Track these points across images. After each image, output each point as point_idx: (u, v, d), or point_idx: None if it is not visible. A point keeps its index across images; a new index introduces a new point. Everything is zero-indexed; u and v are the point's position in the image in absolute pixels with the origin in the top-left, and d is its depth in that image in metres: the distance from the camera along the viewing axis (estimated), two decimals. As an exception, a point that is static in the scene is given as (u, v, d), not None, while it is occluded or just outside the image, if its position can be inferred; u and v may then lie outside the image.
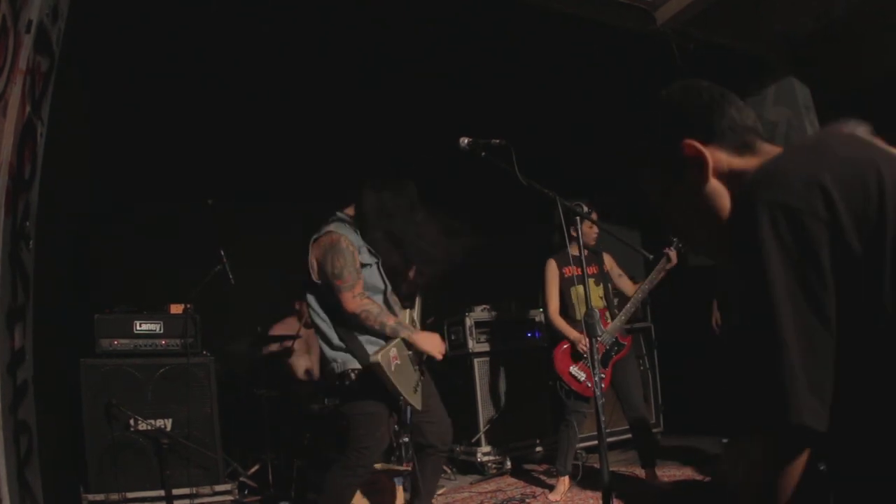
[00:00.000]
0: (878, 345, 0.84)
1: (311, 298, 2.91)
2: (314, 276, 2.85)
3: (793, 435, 0.84)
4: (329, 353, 2.85)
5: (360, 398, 2.79)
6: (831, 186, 0.86)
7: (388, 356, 2.72)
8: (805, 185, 0.87)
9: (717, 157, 1.06)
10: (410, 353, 2.86)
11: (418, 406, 2.85)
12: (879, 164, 0.89)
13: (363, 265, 2.84)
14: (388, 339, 2.79)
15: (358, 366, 2.76)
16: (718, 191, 1.06)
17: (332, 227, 2.87)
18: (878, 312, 0.84)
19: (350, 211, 2.98)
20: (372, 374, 2.69)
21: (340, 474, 2.76)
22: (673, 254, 3.77)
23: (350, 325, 2.79)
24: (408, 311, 3.03)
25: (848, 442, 0.87)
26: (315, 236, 2.88)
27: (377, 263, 2.93)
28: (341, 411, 2.95)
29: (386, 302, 2.92)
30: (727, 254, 1.09)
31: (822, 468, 0.88)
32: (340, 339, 2.80)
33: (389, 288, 2.97)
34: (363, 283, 2.81)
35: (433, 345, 2.88)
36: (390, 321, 2.78)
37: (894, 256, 0.83)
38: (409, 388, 2.80)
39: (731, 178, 1.05)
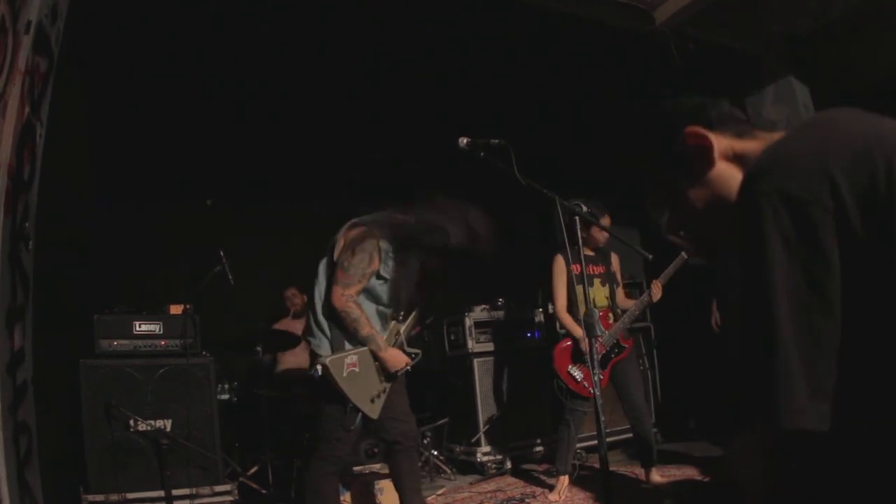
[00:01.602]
0: (887, 333, 0.82)
1: (322, 272, 2.93)
2: (336, 254, 2.87)
3: (791, 434, 0.82)
4: (314, 328, 2.89)
5: (331, 401, 2.82)
6: (837, 171, 0.83)
7: (343, 362, 2.76)
8: (809, 171, 0.84)
9: (720, 141, 1.05)
10: (377, 363, 2.88)
11: (372, 416, 2.85)
12: (888, 142, 0.86)
13: (380, 278, 2.87)
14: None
15: (324, 353, 2.80)
16: (727, 173, 1.05)
17: (375, 223, 2.90)
18: (887, 298, 0.81)
19: (399, 217, 2.98)
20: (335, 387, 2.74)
21: (315, 465, 2.81)
22: (657, 287, 3.80)
23: (331, 319, 2.84)
24: (393, 322, 3.05)
25: (854, 432, 0.87)
26: (358, 220, 2.91)
27: (390, 281, 2.94)
28: (317, 406, 2.97)
29: (380, 314, 2.94)
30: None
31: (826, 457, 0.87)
32: (328, 325, 2.85)
33: (388, 302, 2.99)
34: (363, 288, 2.82)
35: (394, 363, 2.90)
36: (364, 330, 2.80)
37: None
38: (365, 397, 2.82)
39: (738, 159, 1.05)
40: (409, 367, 3.00)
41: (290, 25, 4.19)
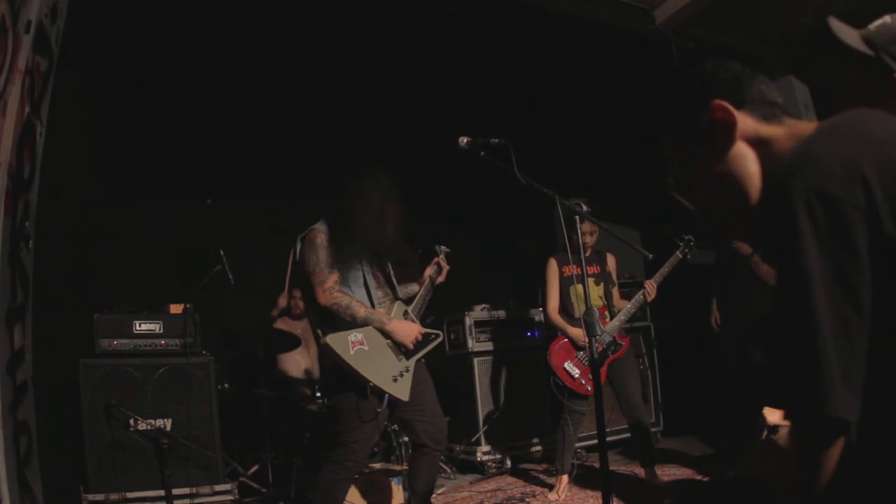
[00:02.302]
0: None
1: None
2: (300, 260, 2.89)
3: (830, 426, 0.84)
4: (318, 335, 2.89)
5: (342, 391, 2.80)
6: (869, 172, 0.84)
7: (346, 339, 2.72)
8: (843, 171, 0.85)
9: (745, 121, 1.06)
10: (390, 342, 2.85)
11: (401, 396, 2.79)
12: None
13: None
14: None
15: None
16: (744, 154, 1.06)
17: (317, 224, 2.91)
18: None
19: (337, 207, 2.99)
20: (345, 368, 2.71)
21: (330, 470, 2.76)
22: (651, 287, 3.80)
23: (328, 319, 2.82)
24: (397, 303, 3.01)
25: (876, 428, 0.87)
26: (302, 234, 2.92)
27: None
28: (329, 405, 2.95)
29: (369, 295, 2.91)
30: (744, 230, 1.08)
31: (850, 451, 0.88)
32: (324, 333, 2.83)
33: (376, 280, 2.97)
34: (338, 276, 2.82)
35: (404, 334, 2.86)
36: (361, 311, 2.78)
37: None
38: (385, 376, 2.77)
39: (758, 143, 1.05)
40: (429, 345, 2.95)
41: (290, 25, 4.20)
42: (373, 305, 2.90)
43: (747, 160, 1.05)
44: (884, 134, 0.91)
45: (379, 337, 2.83)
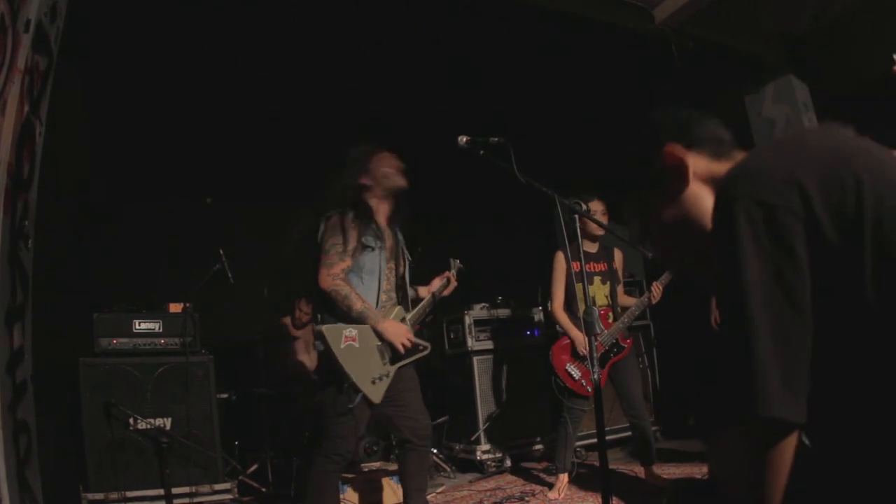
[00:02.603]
0: (859, 335, 0.85)
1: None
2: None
3: (766, 427, 0.84)
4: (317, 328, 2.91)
5: (326, 385, 2.82)
6: (807, 181, 0.87)
7: (341, 333, 2.74)
8: (781, 180, 0.88)
9: (697, 162, 1.09)
10: (381, 344, 2.85)
11: (374, 399, 2.80)
12: (856, 157, 0.90)
13: (366, 247, 2.88)
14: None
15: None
16: (700, 195, 1.08)
17: (346, 207, 2.93)
18: (859, 303, 0.84)
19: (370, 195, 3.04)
20: (331, 359, 2.73)
21: (318, 463, 2.79)
22: (657, 289, 3.80)
23: (329, 306, 2.83)
24: (398, 307, 3.02)
25: (833, 428, 0.88)
26: (333, 212, 2.94)
27: (380, 248, 2.94)
28: (317, 400, 2.97)
29: (378, 290, 2.93)
30: (709, 270, 1.10)
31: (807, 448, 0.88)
32: (323, 319, 2.85)
33: (387, 282, 2.97)
34: (349, 265, 2.83)
35: (394, 334, 2.85)
36: (358, 305, 2.79)
37: (874, 248, 0.83)
38: (365, 376, 2.78)
39: (712, 181, 1.08)
40: (415, 356, 2.96)
41: (290, 25, 4.20)
42: (377, 303, 2.90)
43: (703, 199, 1.08)
44: (823, 144, 0.94)
45: (371, 337, 2.83)
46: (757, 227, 0.86)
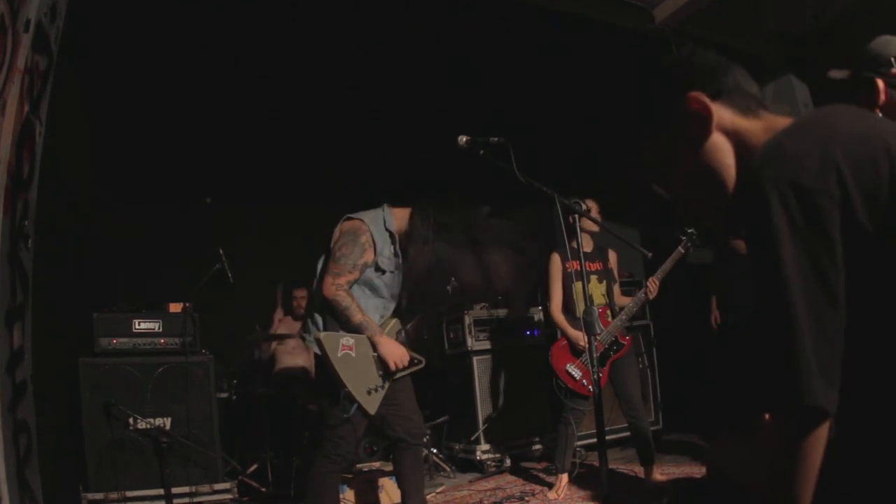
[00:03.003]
0: (889, 326, 0.84)
1: (319, 268, 2.96)
2: (332, 245, 2.89)
3: (805, 416, 0.84)
4: (309, 324, 2.91)
5: (326, 391, 2.82)
6: (843, 164, 0.85)
7: (338, 341, 2.74)
8: (817, 162, 0.85)
9: (721, 113, 1.06)
10: (376, 355, 2.84)
11: (369, 410, 2.79)
12: (889, 140, 0.88)
13: (379, 269, 2.87)
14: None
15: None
16: (721, 146, 1.06)
17: (368, 216, 2.90)
18: (890, 293, 0.83)
19: (398, 212, 2.99)
20: (328, 367, 2.73)
21: (319, 464, 2.80)
22: (653, 284, 3.80)
23: (330, 311, 2.83)
24: (395, 320, 3.02)
25: (859, 419, 0.87)
26: (353, 215, 2.92)
27: (395, 273, 2.94)
28: (318, 400, 2.97)
29: (382, 305, 2.94)
30: (718, 219, 1.09)
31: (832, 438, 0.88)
32: (324, 322, 2.85)
33: (394, 293, 2.99)
34: (355, 279, 2.82)
35: (390, 353, 2.83)
36: (356, 317, 2.78)
37: None
38: (361, 386, 2.78)
39: (735, 135, 1.05)
40: (409, 369, 2.96)
41: (290, 25, 4.19)
42: (379, 317, 2.92)
43: (723, 152, 1.06)
44: (856, 127, 0.91)
45: (368, 348, 2.83)
46: (793, 211, 0.84)
